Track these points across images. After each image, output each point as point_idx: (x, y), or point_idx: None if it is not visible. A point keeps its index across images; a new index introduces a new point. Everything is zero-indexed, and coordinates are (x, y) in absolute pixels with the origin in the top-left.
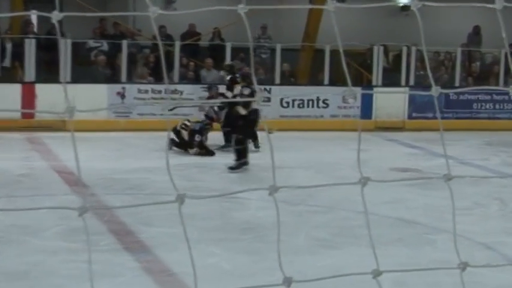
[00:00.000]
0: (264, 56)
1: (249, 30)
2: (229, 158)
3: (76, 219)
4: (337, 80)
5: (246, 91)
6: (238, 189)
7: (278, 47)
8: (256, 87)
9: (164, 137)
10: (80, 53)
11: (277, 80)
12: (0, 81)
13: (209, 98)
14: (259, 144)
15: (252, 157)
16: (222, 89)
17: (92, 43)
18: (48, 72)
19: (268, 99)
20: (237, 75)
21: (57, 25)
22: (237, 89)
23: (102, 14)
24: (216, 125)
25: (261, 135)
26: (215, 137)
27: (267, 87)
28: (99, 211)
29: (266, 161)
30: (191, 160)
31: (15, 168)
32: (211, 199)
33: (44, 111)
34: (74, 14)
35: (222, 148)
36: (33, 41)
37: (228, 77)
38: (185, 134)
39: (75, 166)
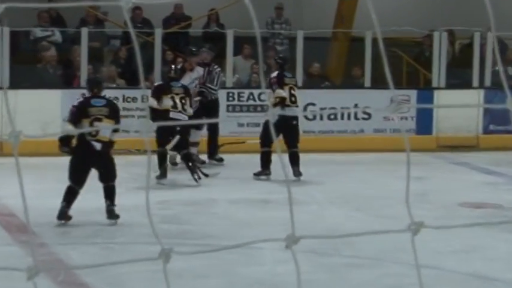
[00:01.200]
0: (279, 47)
1: (253, 13)
2: (232, 191)
3: (20, 280)
4: (384, 81)
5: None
6: (245, 233)
7: (300, 35)
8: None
9: (142, 162)
10: (21, 47)
11: (299, 82)
12: None
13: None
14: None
15: (267, 190)
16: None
17: (38, 32)
18: None
19: None
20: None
21: None
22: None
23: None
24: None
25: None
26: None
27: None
28: (52, 269)
29: (283, 195)
30: (180, 195)
31: None
32: (205, 248)
33: None
34: None
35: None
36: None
37: (275, 74)
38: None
39: (18, 205)
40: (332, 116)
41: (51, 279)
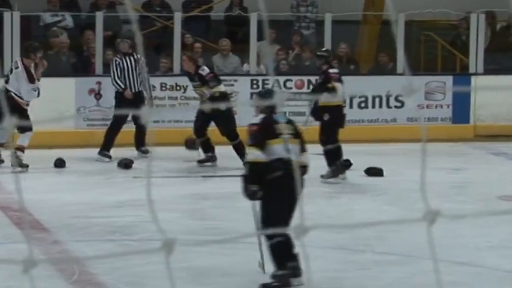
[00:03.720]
0: (306, 31)
1: None
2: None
3: (35, 279)
4: (417, 67)
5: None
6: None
7: (328, 19)
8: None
9: (163, 154)
10: (32, 33)
11: None
12: None
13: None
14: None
15: None
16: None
17: (48, 17)
18: None
19: None
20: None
21: None
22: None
23: None
24: None
25: None
26: None
27: (312, 78)
28: (65, 267)
29: (311, 188)
30: (204, 188)
31: None
32: (236, 247)
33: None
34: None
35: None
36: None
37: (325, 67)
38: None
39: (30, 200)
40: (363, 104)
41: (66, 278)
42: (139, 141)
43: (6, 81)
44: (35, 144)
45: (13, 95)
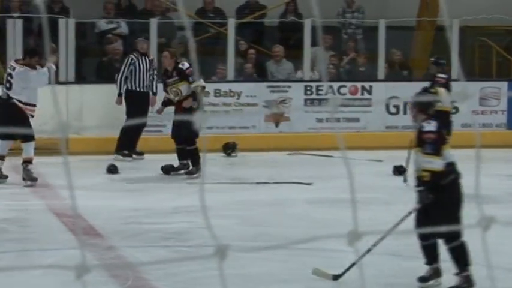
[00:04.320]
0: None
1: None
2: (308, 191)
3: (90, 284)
4: (472, 73)
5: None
6: (323, 234)
7: (382, 25)
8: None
9: (214, 160)
10: (86, 40)
11: (381, 74)
12: None
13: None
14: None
15: (344, 189)
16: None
17: (103, 25)
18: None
19: (368, 103)
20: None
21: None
22: None
23: None
24: None
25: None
26: None
27: (366, 84)
28: (119, 273)
29: (363, 194)
30: (257, 194)
31: None
32: (290, 253)
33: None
34: None
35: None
36: (19, 23)
37: (445, 75)
38: None
39: (84, 206)
40: None
41: (119, 284)
42: (134, 143)
43: (8, 88)
44: (88, 150)
45: (16, 101)
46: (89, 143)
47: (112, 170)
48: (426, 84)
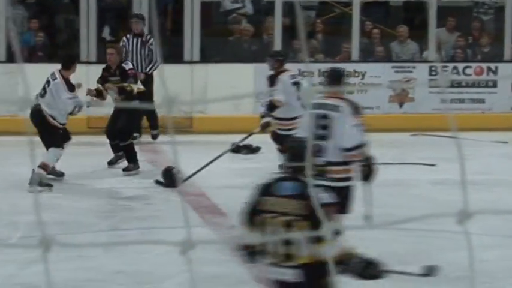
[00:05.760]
0: (484, 17)
1: None
2: (433, 171)
3: (209, 264)
4: None
5: None
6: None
7: (509, 4)
8: None
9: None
10: (212, 19)
11: (507, 55)
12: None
13: None
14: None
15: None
16: None
17: (229, 4)
18: (163, 48)
19: (493, 84)
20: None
21: None
22: None
23: None
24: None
25: None
26: None
27: (492, 64)
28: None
29: (487, 176)
30: (383, 175)
31: (122, 189)
32: (412, 234)
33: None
34: None
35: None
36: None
37: None
38: None
39: (208, 185)
40: None
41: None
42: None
43: (42, 95)
44: (213, 129)
45: (46, 115)
46: (213, 122)
47: (235, 149)
48: None
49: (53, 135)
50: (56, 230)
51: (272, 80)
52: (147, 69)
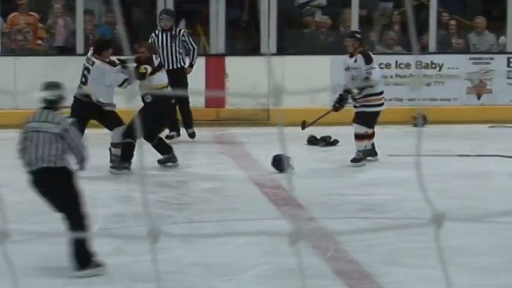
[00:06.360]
0: None
1: None
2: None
3: (287, 255)
4: None
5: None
6: None
7: None
8: None
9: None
10: (288, 12)
11: None
12: None
13: None
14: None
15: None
16: None
17: None
18: (240, 40)
19: None
20: None
21: None
22: None
23: None
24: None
25: None
26: None
27: None
28: (320, 244)
29: None
30: (462, 167)
31: (199, 181)
32: (492, 227)
33: (236, 94)
34: None
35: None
36: None
37: None
38: None
39: (284, 178)
40: None
41: (320, 254)
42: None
43: (84, 82)
44: (289, 121)
45: (93, 98)
46: (289, 114)
47: (312, 141)
48: None
49: (112, 115)
50: (133, 222)
51: (368, 59)
52: (188, 62)
